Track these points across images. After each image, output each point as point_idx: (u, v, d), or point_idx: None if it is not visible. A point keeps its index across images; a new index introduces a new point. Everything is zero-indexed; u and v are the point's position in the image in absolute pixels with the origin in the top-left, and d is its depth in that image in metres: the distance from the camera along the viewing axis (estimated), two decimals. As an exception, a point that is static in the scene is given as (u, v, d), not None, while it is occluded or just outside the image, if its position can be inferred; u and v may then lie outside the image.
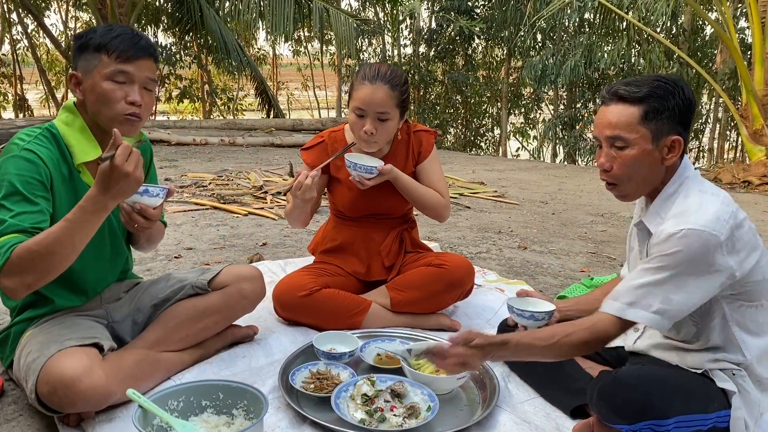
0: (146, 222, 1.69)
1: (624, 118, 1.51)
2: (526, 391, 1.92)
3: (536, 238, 4.16)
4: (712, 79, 9.01)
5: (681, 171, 1.55)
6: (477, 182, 6.55)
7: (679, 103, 1.50)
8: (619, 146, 1.52)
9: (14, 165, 1.61)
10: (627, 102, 1.51)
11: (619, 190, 1.59)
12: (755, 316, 1.51)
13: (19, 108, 14.99)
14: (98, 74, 1.68)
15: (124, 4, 10.12)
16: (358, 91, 2.24)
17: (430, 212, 2.39)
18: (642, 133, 1.50)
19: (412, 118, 13.81)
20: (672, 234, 1.42)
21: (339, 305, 2.27)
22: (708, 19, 9.09)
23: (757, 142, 7.85)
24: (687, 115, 1.52)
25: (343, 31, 9.77)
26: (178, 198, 4.97)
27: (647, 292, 1.44)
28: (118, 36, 1.68)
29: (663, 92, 1.49)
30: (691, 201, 1.48)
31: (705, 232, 1.39)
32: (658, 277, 1.43)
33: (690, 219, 1.42)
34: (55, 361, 1.58)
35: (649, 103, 1.49)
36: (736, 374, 1.51)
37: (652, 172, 1.54)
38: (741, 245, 1.42)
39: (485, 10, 13.31)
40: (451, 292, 2.35)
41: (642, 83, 1.51)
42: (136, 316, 1.96)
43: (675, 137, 1.51)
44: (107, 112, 1.70)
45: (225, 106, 17.60)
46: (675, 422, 1.39)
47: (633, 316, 1.44)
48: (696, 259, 1.39)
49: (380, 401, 1.75)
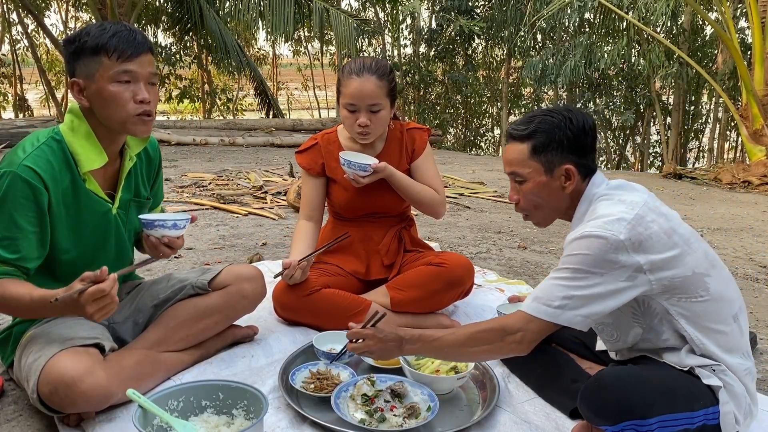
0: (172, 251, 1.79)
1: (516, 155, 1.64)
2: (526, 391, 1.92)
3: (536, 238, 4.17)
4: (712, 79, 9.01)
5: (587, 193, 1.63)
6: (477, 182, 6.55)
7: (567, 134, 1.59)
8: (519, 181, 1.66)
9: (9, 185, 1.59)
10: (517, 140, 1.64)
11: (532, 219, 1.71)
12: (705, 309, 1.52)
13: (19, 108, 14.98)
14: (102, 78, 1.65)
15: (123, 4, 10.12)
16: (346, 86, 2.25)
17: (426, 209, 2.40)
18: (534, 167, 1.62)
19: (412, 118, 13.81)
20: (573, 239, 1.51)
21: (339, 305, 2.27)
22: (708, 19, 9.09)
23: (757, 142, 7.84)
24: (579, 142, 1.60)
25: (343, 31, 9.77)
26: (177, 198, 4.97)
27: (550, 288, 1.50)
28: (115, 35, 1.65)
29: (548, 126, 1.60)
30: (598, 211, 1.56)
31: (602, 233, 1.46)
32: (561, 275, 1.50)
33: (590, 224, 1.51)
34: (57, 362, 1.58)
35: (536, 138, 1.60)
36: (716, 369, 1.51)
37: (556, 200, 1.65)
38: (650, 244, 1.47)
39: (485, 10, 13.30)
40: (451, 291, 2.35)
41: (530, 120, 1.63)
42: (136, 317, 1.96)
43: (567, 166, 1.60)
44: (118, 115, 1.68)
45: (225, 106, 17.59)
46: (658, 422, 1.39)
47: (534, 310, 1.50)
48: (597, 258, 1.46)
49: (380, 401, 1.75)
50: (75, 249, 1.76)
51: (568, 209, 1.66)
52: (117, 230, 1.85)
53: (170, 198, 4.94)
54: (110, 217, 1.81)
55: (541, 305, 1.50)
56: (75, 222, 1.74)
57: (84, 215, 1.75)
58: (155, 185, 2.00)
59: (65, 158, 1.69)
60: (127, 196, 1.86)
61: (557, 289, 1.49)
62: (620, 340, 1.65)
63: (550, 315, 1.48)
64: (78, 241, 1.76)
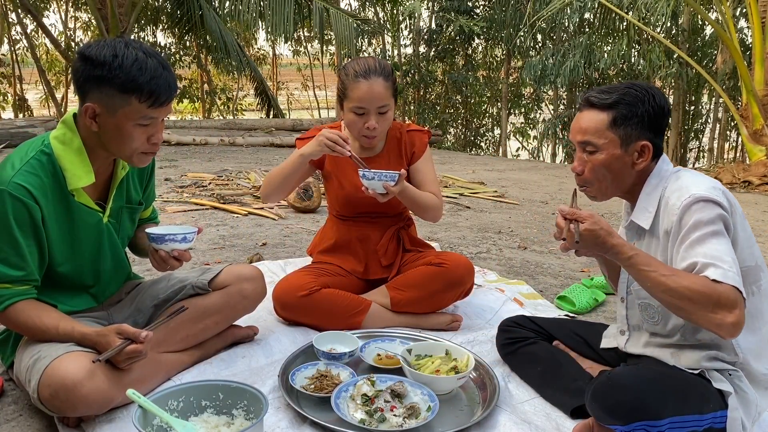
0: (180, 264, 1.80)
1: (593, 124, 1.58)
2: (526, 391, 1.92)
3: (536, 238, 4.16)
4: (712, 79, 9.00)
5: (658, 170, 1.61)
6: (477, 182, 6.55)
7: (648, 109, 1.55)
8: (590, 151, 1.60)
9: (1, 204, 1.57)
10: (597, 108, 1.59)
11: (590, 192, 1.67)
12: (751, 306, 1.51)
13: (19, 108, 14.97)
14: (124, 117, 1.59)
15: (123, 4, 10.11)
16: (354, 90, 2.22)
17: (428, 215, 2.37)
18: (610, 139, 1.57)
19: (412, 118, 13.81)
20: (686, 205, 1.46)
21: (339, 305, 2.27)
22: (708, 19, 9.08)
23: (757, 142, 7.84)
24: (658, 121, 1.57)
25: (343, 31, 9.76)
26: (177, 198, 4.97)
27: (718, 253, 1.41)
28: (152, 79, 1.55)
29: (632, 99, 1.55)
30: (683, 180, 1.54)
31: (710, 197, 1.45)
32: (709, 233, 1.43)
33: (691, 190, 1.48)
34: (57, 365, 1.57)
35: (618, 109, 1.56)
36: (733, 374, 1.51)
37: (622, 176, 1.61)
38: (734, 219, 1.47)
39: (485, 10, 13.30)
40: (451, 291, 2.35)
41: (613, 90, 1.58)
42: (137, 317, 1.96)
43: (644, 143, 1.57)
44: (127, 150, 1.66)
45: (224, 106, 17.59)
46: (669, 423, 1.39)
47: (734, 280, 1.39)
48: (718, 216, 1.44)
49: (380, 401, 1.75)
50: (70, 261, 1.76)
51: (632, 185, 1.62)
52: (110, 238, 1.84)
53: (170, 198, 4.93)
54: (102, 226, 1.80)
55: (728, 272, 1.39)
56: (68, 234, 1.73)
57: (76, 227, 1.74)
58: (147, 188, 1.99)
59: (54, 172, 1.65)
60: (118, 204, 1.84)
61: (724, 251, 1.41)
62: (659, 323, 1.63)
63: (740, 284, 1.39)
64: (73, 253, 1.75)
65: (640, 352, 1.71)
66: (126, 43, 1.58)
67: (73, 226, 1.73)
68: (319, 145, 2.17)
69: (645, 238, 1.63)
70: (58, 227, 1.69)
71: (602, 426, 1.48)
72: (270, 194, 2.36)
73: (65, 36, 15.06)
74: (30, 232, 1.62)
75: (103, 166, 1.76)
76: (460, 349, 2.01)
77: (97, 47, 1.57)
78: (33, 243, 1.63)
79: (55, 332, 1.62)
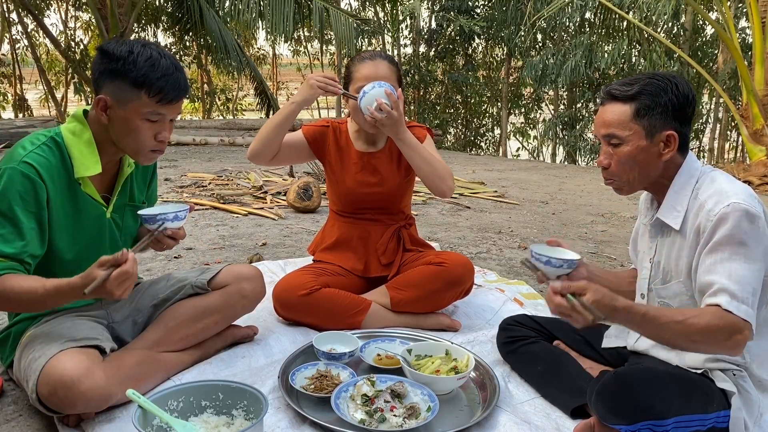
0: (175, 242, 1.80)
1: (617, 117, 1.56)
2: (526, 391, 1.92)
3: (536, 238, 4.16)
4: (712, 79, 9.00)
5: (688, 166, 1.58)
6: (477, 182, 6.55)
7: (672, 98, 1.53)
8: (615, 144, 1.57)
9: (9, 180, 1.60)
10: (619, 100, 1.56)
11: (616, 185, 1.64)
12: (766, 317, 1.51)
13: (19, 108, 14.97)
14: (133, 111, 1.65)
15: (123, 3, 10.11)
16: (359, 71, 2.25)
17: (435, 180, 2.24)
18: (635, 130, 1.54)
19: (413, 118, 13.80)
20: (724, 213, 1.43)
21: (339, 305, 2.27)
22: (708, 19, 9.09)
23: (758, 142, 7.84)
24: (684, 109, 1.55)
25: (343, 31, 9.76)
26: (177, 198, 4.97)
27: (742, 279, 1.40)
28: (163, 77, 1.63)
29: (654, 89, 1.53)
30: (720, 183, 1.51)
31: (751, 210, 1.42)
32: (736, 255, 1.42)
33: (731, 197, 1.44)
34: (56, 363, 1.58)
35: (641, 100, 1.53)
36: (737, 374, 1.50)
37: (650, 167, 1.58)
38: None
39: (485, 10, 13.30)
40: (451, 291, 2.35)
41: (634, 81, 1.56)
42: (136, 317, 1.96)
43: (669, 132, 1.54)
44: (134, 146, 1.71)
45: (224, 106, 17.59)
46: (674, 422, 1.39)
47: (746, 314, 1.39)
48: (755, 233, 1.42)
49: (380, 401, 1.75)
50: (72, 249, 1.76)
51: (660, 177, 1.60)
52: (111, 234, 1.85)
53: (170, 198, 4.94)
54: (104, 220, 1.82)
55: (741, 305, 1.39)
56: (72, 222, 1.74)
57: (80, 216, 1.76)
58: (150, 188, 2.01)
59: (63, 159, 1.70)
60: (122, 200, 1.87)
61: (748, 279, 1.40)
62: None
63: (751, 316, 1.39)
64: (75, 242, 1.76)
65: (647, 351, 1.70)
66: (144, 44, 1.68)
67: (77, 214, 1.75)
68: (311, 88, 2.19)
69: (670, 235, 1.60)
70: (63, 212, 1.71)
71: (605, 426, 1.48)
72: (259, 150, 2.26)
73: (65, 36, 15.06)
74: (33, 211, 1.63)
75: (110, 162, 1.79)
76: (460, 349, 2.01)
77: (116, 44, 1.66)
78: (34, 223, 1.64)
79: (43, 290, 1.55)
